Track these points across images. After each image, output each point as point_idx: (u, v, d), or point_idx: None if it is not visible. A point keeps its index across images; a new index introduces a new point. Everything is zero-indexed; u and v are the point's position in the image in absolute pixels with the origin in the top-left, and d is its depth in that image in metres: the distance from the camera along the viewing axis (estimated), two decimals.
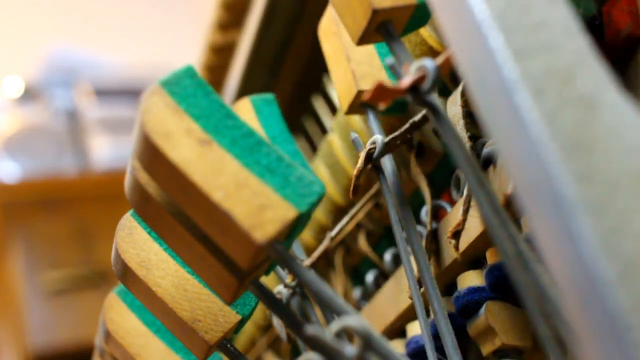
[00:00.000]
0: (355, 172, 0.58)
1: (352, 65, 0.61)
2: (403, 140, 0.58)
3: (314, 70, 0.98)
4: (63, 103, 2.47)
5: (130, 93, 2.51)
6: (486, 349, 0.57)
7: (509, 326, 0.56)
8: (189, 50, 1.71)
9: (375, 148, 0.57)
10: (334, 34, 0.63)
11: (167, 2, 3.08)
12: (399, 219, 0.57)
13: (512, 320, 0.56)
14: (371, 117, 0.60)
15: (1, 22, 2.84)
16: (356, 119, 0.73)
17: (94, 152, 2.40)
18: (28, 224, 2.13)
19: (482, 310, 0.56)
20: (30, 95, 2.47)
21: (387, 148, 0.57)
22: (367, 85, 0.60)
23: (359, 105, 0.61)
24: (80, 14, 2.95)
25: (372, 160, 0.57)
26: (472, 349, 0.60)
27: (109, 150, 2.38)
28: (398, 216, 0.57)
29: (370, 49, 0.62)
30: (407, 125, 0.58)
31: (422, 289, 0.56)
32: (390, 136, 0.57)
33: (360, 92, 0.60)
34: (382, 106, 0.46)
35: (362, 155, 0.57)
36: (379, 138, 0.57)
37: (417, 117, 0.58)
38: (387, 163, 0.58)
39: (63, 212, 2.17)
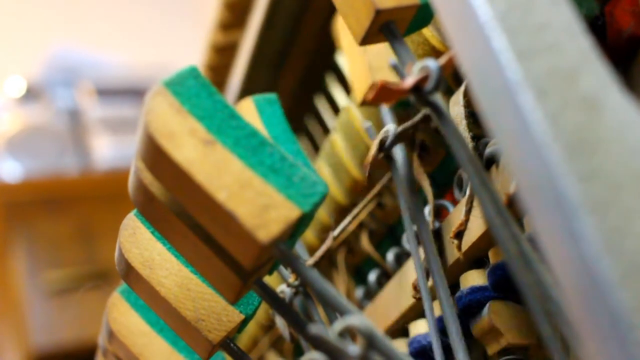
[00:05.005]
0: (369, 159, 0.58)
1: (368, 57, 0.61)
2: (415, 130, 0.59)
3: (316, 70, 0.98)
4: (65, 103, 2.47)
5: (132, 93, 2.51)
6: (492, 348, 0.57)
7: (513, 325, 0.56)
8: (191, 50, 1.71)
9: (387, 137, 0.58)
10: None
11: (169, 2, 3.08)
12: (409, 208, 0.58)
13: (516, 319, 0.56)
14: (384, 108, 0.61)
15: (3, 22, 2.84)
16: (359, 118, 0.73)
17: (96, 151, 2.40)
18: (30, 223, 2.13)
19: (486, 310, 0.56)
20: (32, 95, 2.48)
21: (399, 138, 0.58)
22: (383, 77, 0.60)
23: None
24: (82, 13, 2.96)
25: (384, 150, 0.58)
26: (474, 348, 0.61)
27: (111, 150, 2.39)
28: (408, 205, 0.58)
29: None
30: (419, 116, 0.58)
31: (430, 282, 0.56)
32: (403, 126, 0.58)
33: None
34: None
35: (375, 142, 0.58)
36: (391, 127, 0.58)
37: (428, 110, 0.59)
38: (399, 153, 0.59)
39: (65, 211, 2.17)
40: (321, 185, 0.44)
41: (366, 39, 0.52)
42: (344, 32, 0.65)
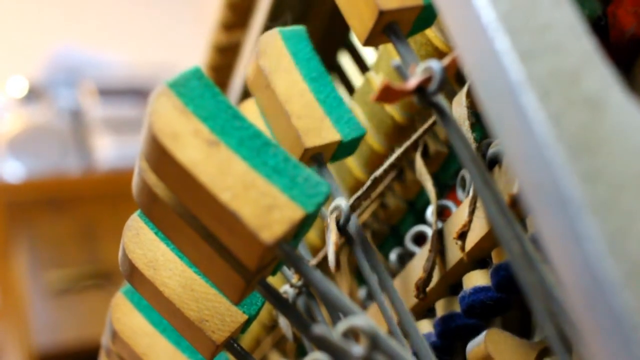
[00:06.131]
0: (332, 247, 0.58)
1: (293, 120, 0.58)
2: (369, 199, 0.59)
3: None
4: (67, 103, 2.47)
5: (134, 93, 2.51)
6: None
7: (509, 355, 0.55)
8: (194, 50, 1.71)
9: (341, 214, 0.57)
10: (266, 87, 0.59)
11: (171, 2, 3.09)
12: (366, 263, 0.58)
13: (512, 352, 0.56)
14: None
15: (5, 22, 2.85)
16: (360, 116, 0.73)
17: (98, 151, 2.40)
18: (32, 223, 2.14)
19: (482, 336, 0.56)
20: (34, 95, 2.48)
21: (352, 209, 0.59)
22: (314, 140, 0.57)
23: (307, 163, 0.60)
24: (84, 13, 2.96)
25: (340, 229, 0.58)
26: None
27: (113, 150, 2.39)
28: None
29: (307, 99, 0.59)
30: (368, 183, 0.60)
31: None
32: (354, 197, 0.60)
33: (307, 150, 0.58)
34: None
35: (332, 227, 0.57)
36: (342, 202, 0.57)
37: (378, 172, 0.61)
38: (353, 226, 0.58)
39: (67, 211, 2.17)
40: (324, 185, 0.44)
41: (369, 40, 0.52)
42: (259, 94, 0.61)
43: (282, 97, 0.58)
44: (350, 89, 0.96)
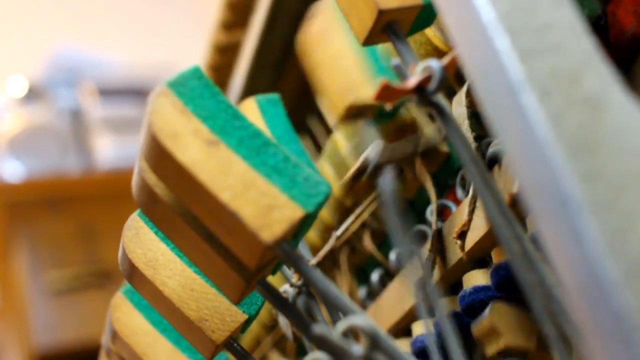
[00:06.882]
0: (350, 174, 0.58)
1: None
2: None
3: None
4: (67, 102, 2.47)
5: (134, 92, 2.51)
6: (490, 349, 0.57)
7: (513, 327, 0.56)
8: (194, 50, 1.71)
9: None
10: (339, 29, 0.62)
11: (171, 2, 3.09)
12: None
13: (517, 322, 0.56)
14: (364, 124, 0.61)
15: (5, 22, 2.85)
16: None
17: (98, 151, 2.40)
18: (32, 223, 2.14)
19: (487, 310, 0.56)
20: (34, 94, 2.48)
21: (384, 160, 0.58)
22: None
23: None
24: (84, 13, 2.96)
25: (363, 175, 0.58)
26: (478, 349, 0.61)
27: (113, 150, 2.39)
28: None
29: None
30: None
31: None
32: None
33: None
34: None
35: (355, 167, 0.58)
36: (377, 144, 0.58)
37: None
38: (388, 179, 0.58)
39: (67, 211, 2.17)
40: (324, 185, 0.44)
41: (369, 39, 0.52)
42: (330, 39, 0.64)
43: None
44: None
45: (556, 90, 0.35)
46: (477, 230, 0.56)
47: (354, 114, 0.58)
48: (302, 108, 1.03)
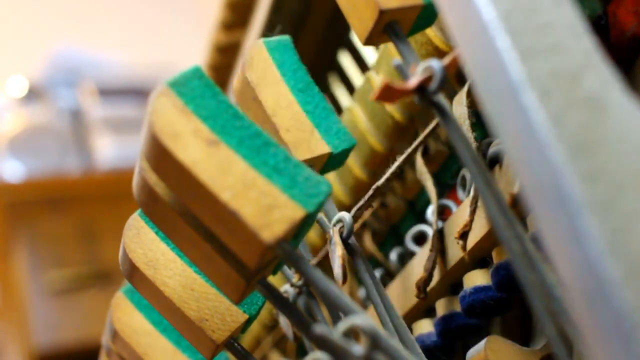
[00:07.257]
0: (339, 261, 0.57)
1: (281, 134, 0.56)
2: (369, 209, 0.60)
3: (319, 70, 0.98)
4: (67, 103, 2.47)
5: (135, 92, 2.51)
6: None
7: None
8: (194, 49, 1.71)
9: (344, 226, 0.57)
10: (254, 100, 0.58)
11: (171, 2, 3.09)
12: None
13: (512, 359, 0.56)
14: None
15: (5, 22, 2.85)
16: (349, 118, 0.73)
17: (98, 151, 2.40)
18: (32, 223, 2.14)
19: (483, 343, 0.56)
20: (34, 94, 2.48)
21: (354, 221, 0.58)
22: (304, 154, 0.56)
23: None
24: (84, 13, 2.96)
25: (343, 240, 0.57)
26: None
27: (113, 150, 2.39)
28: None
29: (295, 110, 0.58)
30: (370, 192, 0.60)
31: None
32: (355, 208, 0.61)
33: None
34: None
35: (337, 241, 0.57)
36: (345, 215, 0.57)
37: (380, 182, 0.61)
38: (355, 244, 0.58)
39: (67, 211, 2.17)
40: (325, 185, 0.44)
41: (370, 39, 0.52)
42: (245, 107, 0.59)
43: (270, 110, 0.57)
44: (350, 88, 0.96)
45: (556, 90, 0.35)
46: (478, 230, 0.56)
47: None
48: None
